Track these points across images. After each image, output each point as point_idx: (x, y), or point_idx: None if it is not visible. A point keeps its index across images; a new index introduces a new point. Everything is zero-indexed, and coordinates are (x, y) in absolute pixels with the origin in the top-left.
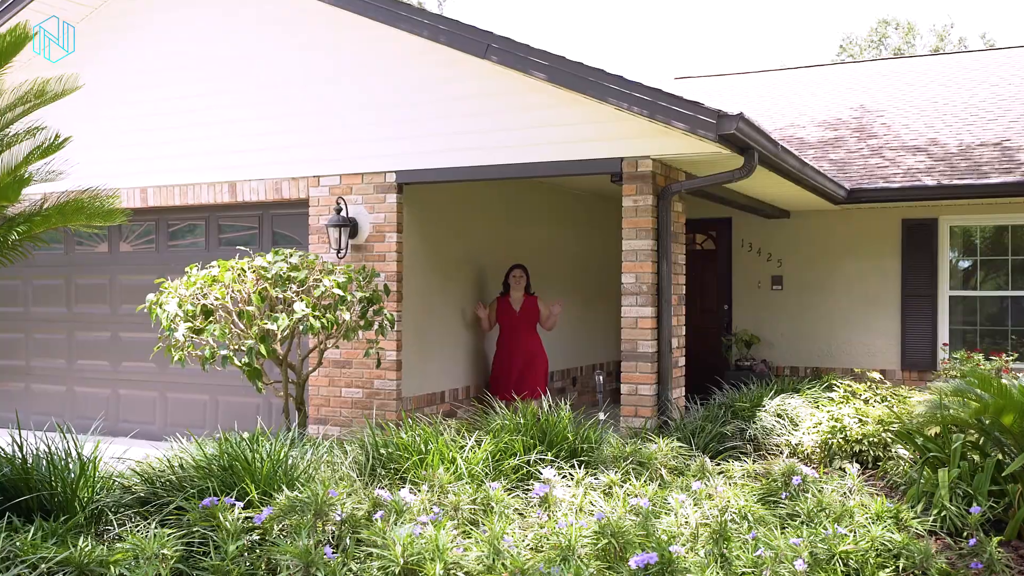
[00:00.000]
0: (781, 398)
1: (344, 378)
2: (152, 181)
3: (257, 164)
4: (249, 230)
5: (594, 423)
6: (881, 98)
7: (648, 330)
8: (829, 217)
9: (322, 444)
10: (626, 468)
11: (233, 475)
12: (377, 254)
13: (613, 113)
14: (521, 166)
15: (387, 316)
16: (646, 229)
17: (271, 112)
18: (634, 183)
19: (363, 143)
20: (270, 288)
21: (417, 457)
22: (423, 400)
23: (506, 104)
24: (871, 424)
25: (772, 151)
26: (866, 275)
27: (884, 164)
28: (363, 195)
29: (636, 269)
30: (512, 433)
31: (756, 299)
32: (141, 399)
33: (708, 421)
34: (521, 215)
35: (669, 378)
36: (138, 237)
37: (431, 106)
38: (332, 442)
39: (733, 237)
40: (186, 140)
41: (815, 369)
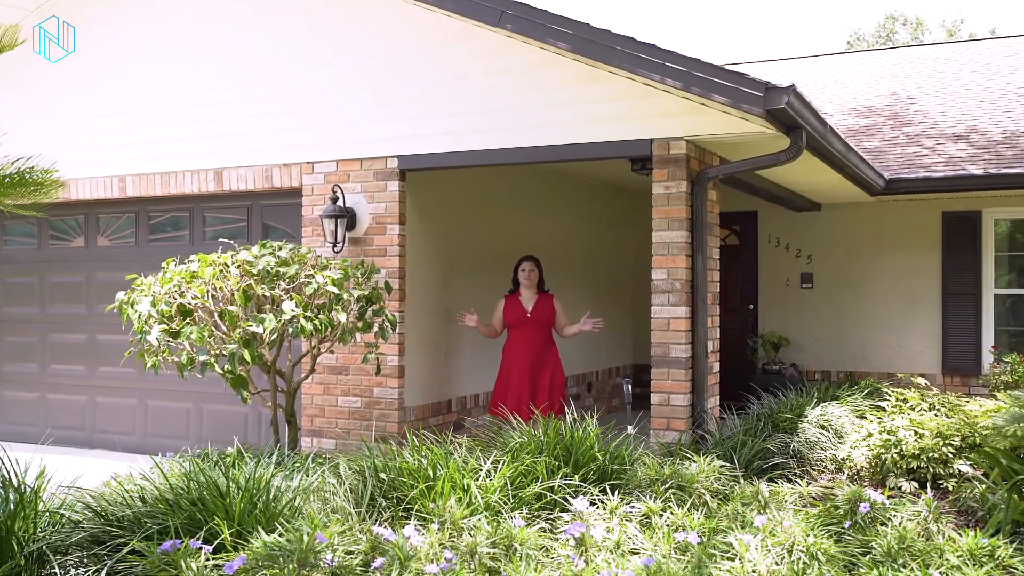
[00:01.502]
0: (822, 407)
1: (340, 386)
2: (130, 169)
3: (245, 149)
4: (237, 222)
5: (625, 440)
6: (911, 85)
7: (682, 332)
8: (863, 210)
9: (313, 469)
10: (665, 493)
11: (204, 509)
12: (377, 248)
13: (642, 89)
14: (538, 150)
15: (388, 317)
16: (679, 219)
17: (260, 93)
18: (666, 167)
19: (361, 126)
20: (255, 285)
21: (424, 485)
22: (428, 410)
23: (522, 81)
24: (928, 437)
25: (820, 132)
26: (903, 272)
27: (923, 153)
28: (362, 183)
29: (668, 264)
30: (533, 453)
31: (784, 298)
32: (119, 407)
33: (748, 435)
34: (533, 206)
35: (704, 386)
36: (117, 231)
37: (437, 84)
38: (324, 469)
39: (759, 232)
40: (167, 124)
41: (848, 374)
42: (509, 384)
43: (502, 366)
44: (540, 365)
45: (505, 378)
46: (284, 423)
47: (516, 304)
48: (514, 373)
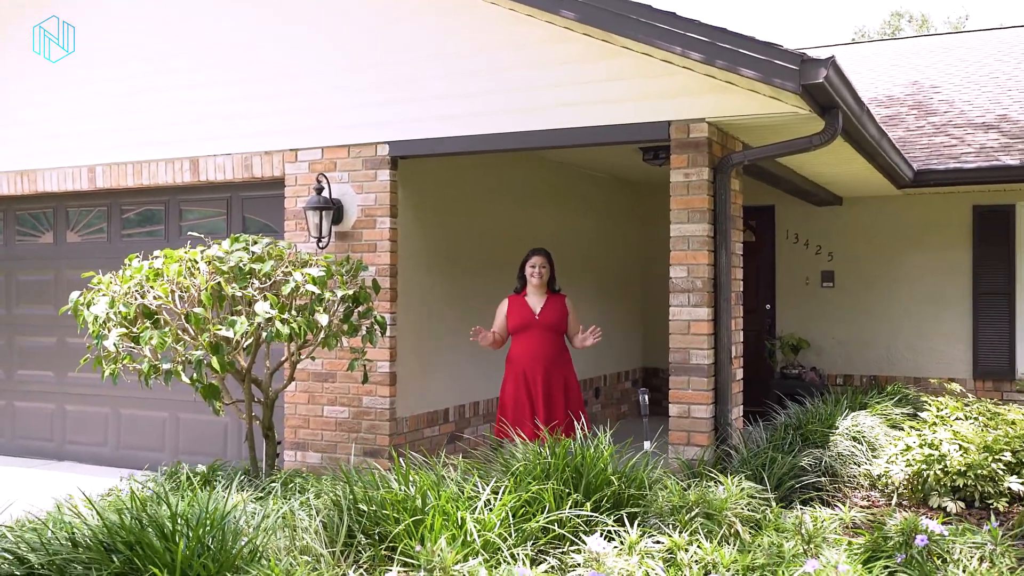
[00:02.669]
0: (852, 417)
1: (326, 394)
2: (100, 158)
3: (223, 136)
4: (216, 216)
5: (643, 460)
6: (933, 74)
7: (703, 336)
8: (888, 203)
9: (289, 492)
10: (691, 523)
11: (143, 555)
12: (366, 243)
13: (659, 66)
14: (542, 134)
15: (377, 319)
16: (700, 210)
17: (239, 74)
18: (685, 153)
19: (349, 109)
20: (225, 284)
21: (411, 520)
22: (422, 420)
23: (525, 58)
24: (974, 452)
25: (856, 114)
26: (931, 270)
27: (952, 143)
28: (349, 172)
29: (688, 260)
30: (539, 478)
31: (803, 298)
32: (90, 416)
33: (777, 450)
34: (536, 198)
35: (728, 396)
36: (87, 225)
37: (430, 62)
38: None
39: (777, 227)
40: (138, 109)
41: (872, 378)
42: (516, 400)
43: (506, 379)
44: (552, 377)
45: (512, 393)
46: (262, 437)
47: (521, 305)
48: (521, 387)
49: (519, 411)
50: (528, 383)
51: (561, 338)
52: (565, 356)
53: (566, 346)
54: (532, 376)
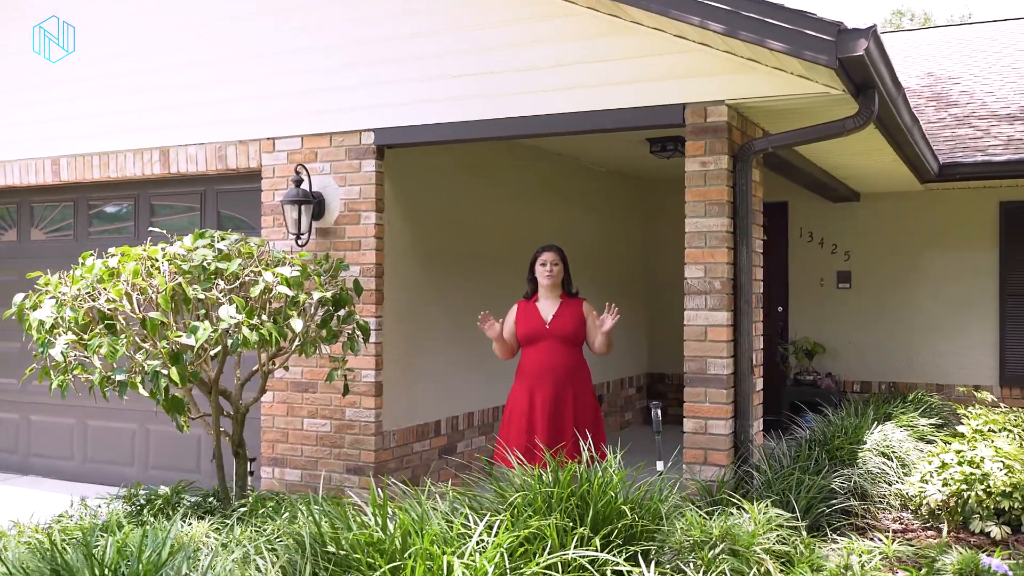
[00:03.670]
0: (880, 430)
1: (307, 405)
2: (65, 148)
3: (195, 124)
4: (189, 211)
5: (658, 486)
6: (950, 65)
7: (722, 343)
8: (908, 199)
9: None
10: (715, 561)
11: None
12: (350, 240)
13: (673, 42)
14: (545, 119)
15: (359, 324)
16: (719, 203)
17: (211, 55)
18: (702, 139)
19: (330, 93)
20: (186, 286)
21: (388, 567)
22: (411, 433)
23: (525, 35)
24: (1020, 470)
25: (892, 95)
26: (955, 270)
27: (977, 135)
28: (331, 162)
29: (705, 258)
30: (540, 511)
31: (818, 299)
32: (56, 427)
33: (803, 470)
34: (534, 193)
35: (749, 409)
36: (52, 222)
37: (420, 40)
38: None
39: (790, 225)
40: (103, 94)
41: (892, 385)
42: (519, 420)
43: (512, 395)
44: (562, 396)
45: (515, 411)
46: (231, 455)
47: (531, 312)
48: (526, 406)
49: (522, 433)
50: (533, 401)
51: (577, 350)
52: (581, 372)
53: (583, 360)
54: (539, 394)
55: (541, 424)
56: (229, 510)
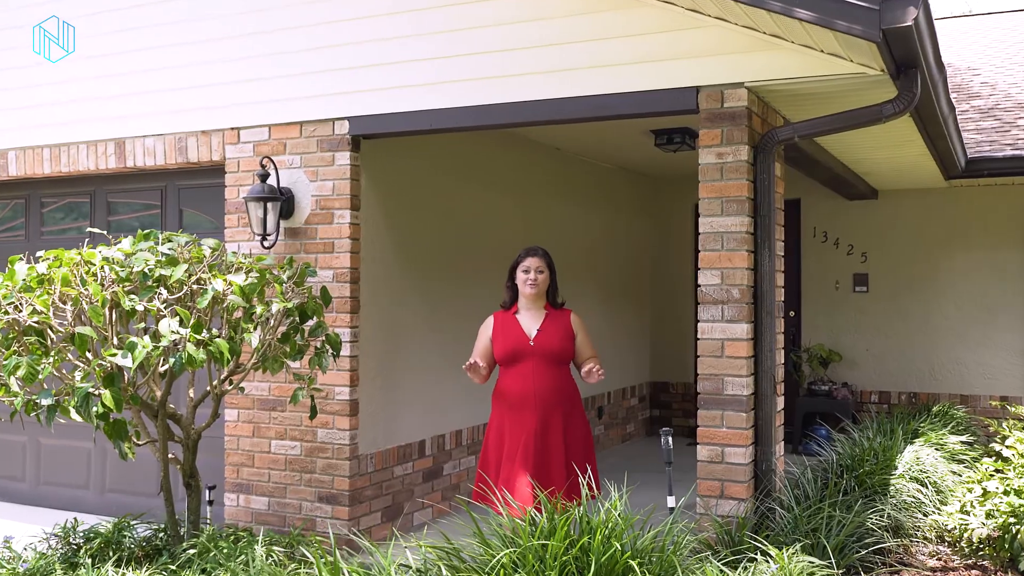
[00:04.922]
0: (912, 451)
1: (274, 425)
2: (13, 141)
3: (152, 113)
4: (149, 209)
5: (670, 529)
6: (969, 56)
7: (742, 360)
8: (929, 197)
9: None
10: None
11: None
12: (322, 242)
13: (685, 17)
14: (539, 105)
15: (329, 336)
16: (739, 199)
17: (170, 36)
18: (719, 127)
19: (301, 78)
20: (122, 295)
21: None
22: (391, 456)
23: (516, 11)
24: None
25: (934, 77)
26: (979, 272)
27: (1003, 128)
28: (302, 155)
29: (722, 263)
30: (533, 568)
31: (833, 304)
32: (7, 446)
33: (832, 504)
34: (528, 191)
35: (771, 433)
36: (2, 222)
37: (399, 19)
38: None
39: (802, 224)
40: (55, 81)
41: (913, 395)
42: (500, 453)
43: (491, 424)
44: (550, 425)
45: (495, 443)
46: (183, 485)
47: (511, 325)
48: (507, 435)
49: (504, 468)
50: (515, 431)
51: (564, 370)
52: (571, 395)
53: (572, 380)
54: (523, 422)
55: (524, 459)
56: (178, 550)
